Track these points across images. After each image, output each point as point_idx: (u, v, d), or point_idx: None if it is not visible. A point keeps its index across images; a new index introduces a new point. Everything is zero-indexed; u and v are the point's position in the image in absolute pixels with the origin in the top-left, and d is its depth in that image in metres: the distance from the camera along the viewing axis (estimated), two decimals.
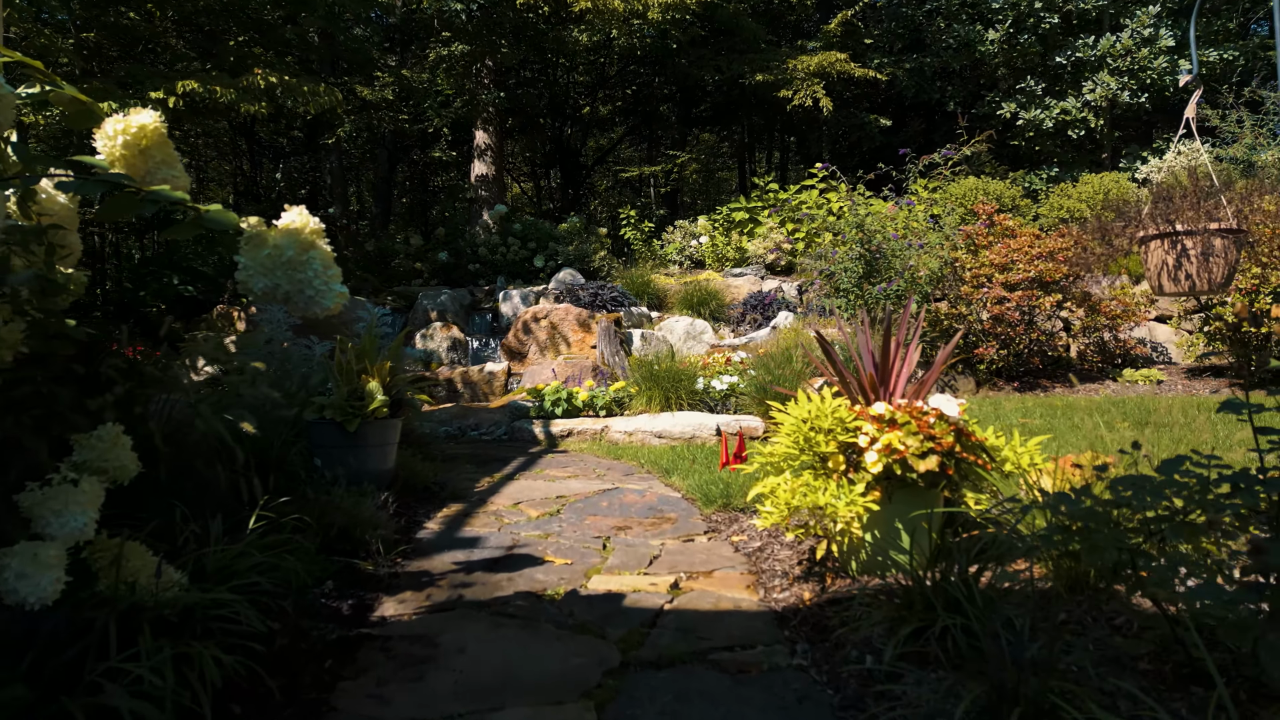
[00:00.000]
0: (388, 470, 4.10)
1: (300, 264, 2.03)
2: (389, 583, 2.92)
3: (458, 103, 14.03)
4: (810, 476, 2.74)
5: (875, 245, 8.51)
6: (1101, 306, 8.78)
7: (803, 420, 2.74)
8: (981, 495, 2.77)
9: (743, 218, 12.24)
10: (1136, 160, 14.77)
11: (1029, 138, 15.33)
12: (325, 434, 3.93)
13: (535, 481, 4.76)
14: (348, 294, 2.10)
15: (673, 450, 5.71)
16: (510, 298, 10.42)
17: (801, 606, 2.65)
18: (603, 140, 22.57)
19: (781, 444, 2.84)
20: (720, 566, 3.11)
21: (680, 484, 4.59)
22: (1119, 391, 8.39)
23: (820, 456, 2.75)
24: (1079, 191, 12.03)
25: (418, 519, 3.80)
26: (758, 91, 14.68)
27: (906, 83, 15.84)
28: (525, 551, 3.32)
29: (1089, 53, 14.76)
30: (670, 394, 6.72)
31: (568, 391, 6.98)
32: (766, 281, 10.89)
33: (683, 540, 3.52)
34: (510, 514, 3.96)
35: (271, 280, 2.01)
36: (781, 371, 6.47)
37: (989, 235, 9.02)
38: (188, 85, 8.13)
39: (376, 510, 3.37)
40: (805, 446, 2.75)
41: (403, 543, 3.39)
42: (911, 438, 2.60)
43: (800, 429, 2.74)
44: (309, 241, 2.05)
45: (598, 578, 2.99)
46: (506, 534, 3.59)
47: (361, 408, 3.90)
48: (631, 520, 3.84)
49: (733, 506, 4.01)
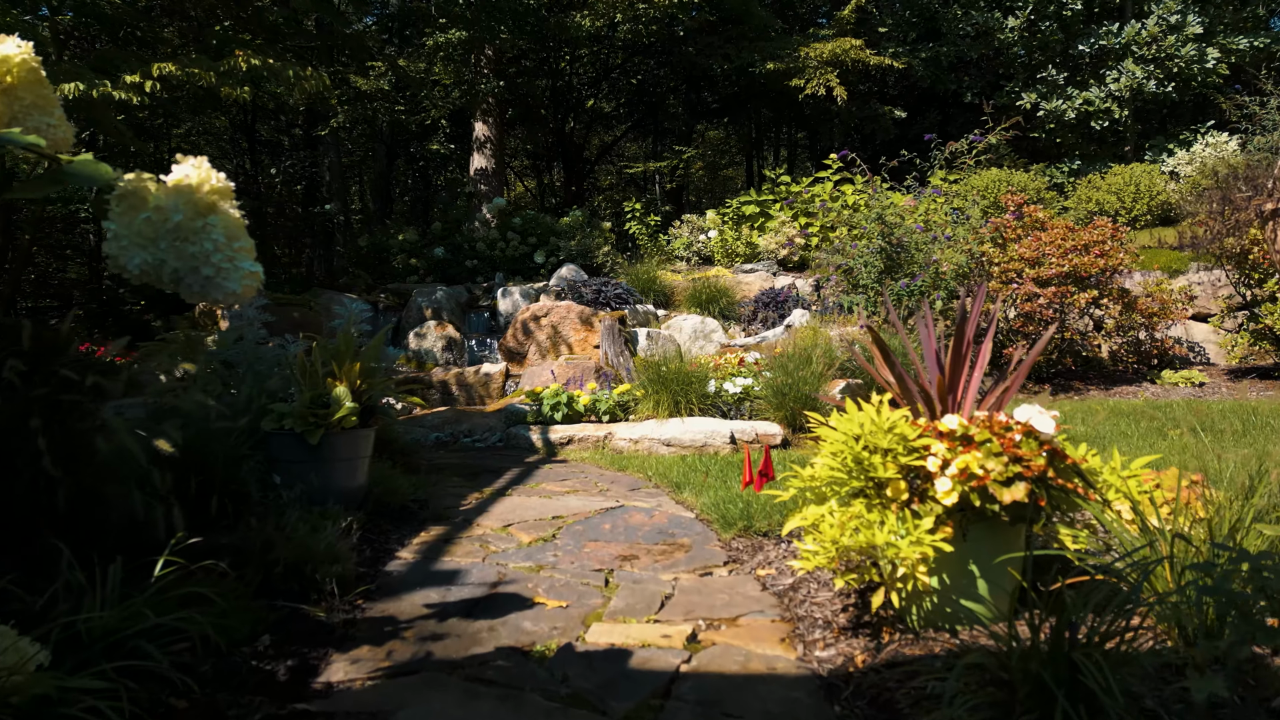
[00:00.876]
0: (357, 487, 3.57)
1: (194, 233, 1.50)
2: (343, 634, 2.39)
3: (456, 93, 13.51)
4: (862, 506, 2.20)
5: (896, 238, 7.98)
6: (1138, 304, 8.22)
7: (854, 437, 2.20)
8: (1078, 531, 2.23)
9: (753, 211, 11.69)
10: (1162, 153, 14.19)
11: (1049, 130, 14.76)
12: (285, 447, 3.41)
13: (529, 498, 4.23)
14: (261, 274, 1.57)
15: (683, 461, 5.17)
16: (509, 295, 9.89)
17: (853, 670, 2.11)
18: (606, 136, 22.04)
19: (824, 465, 2.30)
20: (746, 611, 2.57)
21: (693, 501, 4.06)
22: (1159, 395, 7.83)
23: (875, 483, 2.21)
24: (1108, 183, 11.46)
25: (389, 546, 3.26)
26: (768, 81, 14.11)
27: (922, 73, 15.26)
28: (512, 590, 2.78)
29: (1113, 40, 14.18)
30: (679, 398, 6.18)
31: (568, 395, 6.45)
32: (779, 278, 10.34)
33: (699, 574, 2.98)
34: (498, 539, 3.43)
35: (153, 254, 1.48)
36: (801, 373, 5.93)
37: (1018, 228, 8.47)
38: (164, 68, 7.60)
39: (337, 539, 2.84)
40: (856, 470, 2.22)
41: (367, 579, 2.86)
42: (993, 460, 2.06)
43: (849, 448, 2.20)
44: (208, 203, 1.52)
45: (598, 627, 2.45)
46: (492, 566, 3.05)
47: (326, 416, 3.37)
48: (638, 547, 3.31)
49: (755, 530, 3.47)
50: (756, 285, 10.12)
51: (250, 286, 1.55)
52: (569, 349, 8.55)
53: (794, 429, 5.90)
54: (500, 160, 14.23)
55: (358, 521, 3.27)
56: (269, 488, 3.31)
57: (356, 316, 4.78)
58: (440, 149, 16.32)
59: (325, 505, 3.29)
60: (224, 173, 1.56)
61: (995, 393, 2.30)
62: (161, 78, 7.55)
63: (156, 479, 2.24)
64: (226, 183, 1.57)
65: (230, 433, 3.24)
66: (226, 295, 1.53)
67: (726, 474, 4.61)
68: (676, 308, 10.06)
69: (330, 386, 3.47)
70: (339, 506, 3.34)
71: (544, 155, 20.72)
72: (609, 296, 9.38)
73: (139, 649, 1.75)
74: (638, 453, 5.70)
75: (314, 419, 3.35)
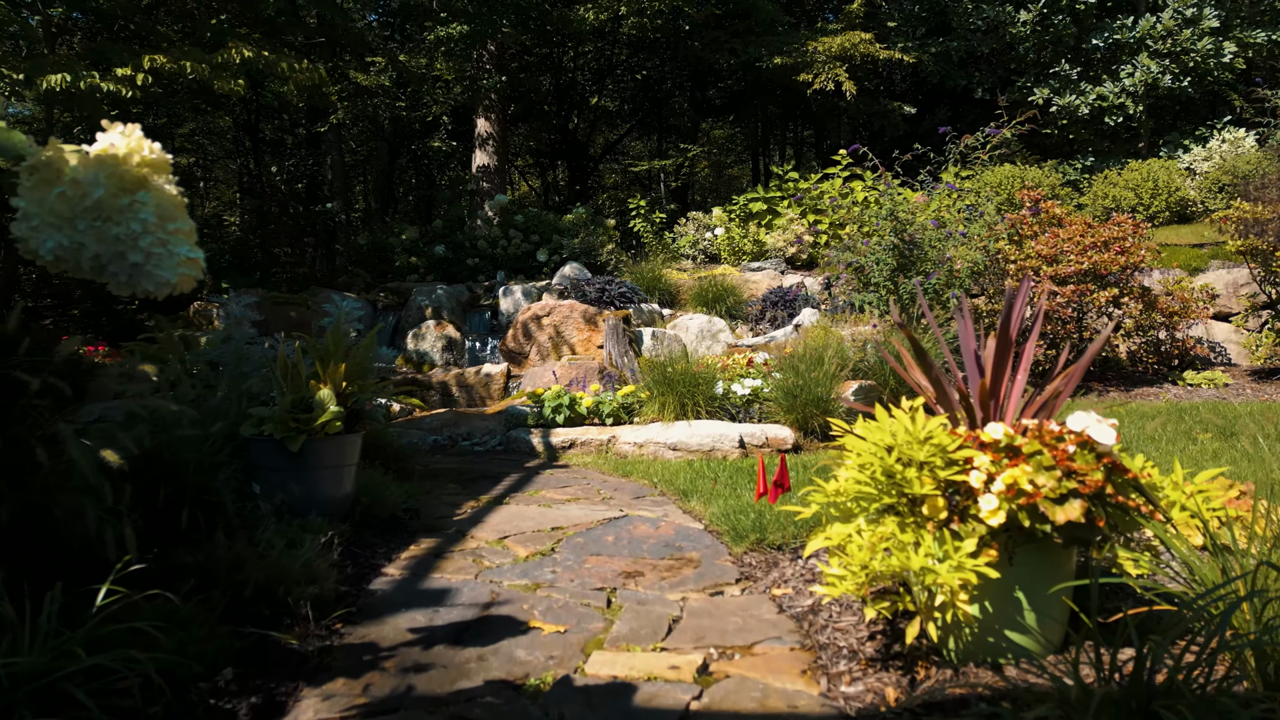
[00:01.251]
0: (343, 497, 3.34)
1: (118, 211, 1.27)
2: (317, 664, 2.16)
3: (457, 88, 13.28)
4: (894, 525, 1.96)
5: (909, 235, 7.72)
6: (1159, 303, 7.95)
7: (885, 448, 1.96)
8: (1138, 554, 1.98)
9: (760, 209, 11.44)
10: (1178, 149, 13.89)
11: (1062, 126, 14.47)
12: (265, 453, 3.18)
13: (528, 507, 3.99)
14: (202, 262, 1.35)
15: (690, 466, 4.93)
16: (511, 294, 9.66)
17: (885, 710, 1.87)
18: (610, 135, 21.80)
19: (850, 478, 2.06)
20: (763, 638, 2.33)
21: (701, 510, 3.82)
22: (1181, 396, 7.57)
23: (909, 499, 1.97)
24: (1125, 179, 11.18)
25: (375, 561, 3.03)
26: (775, 76, 13.86)
27: (932, 68, 14.98)
28: (506, 612, 2.55)
29: (1127, 35, 13.90)
30: (686, 400, 5.94)
31: (570, 397, 6.22)
32: (787, 276, 10.10)
33: (709, 593, 2.74)
34: (493, 553, 3.19)
35: (69, 236, 1.25)
36: (813, 375, 5.68)
37: (1035, 224, 8.21)
38: (156, 60, 7.40)
39: (316, 555, 2.61)
40: (887, 484, 1.98)
41: (348, 598, 2.63)
42: (1045, 474, 1.82)
43: (881, 460, 1.96)
44: (136, 177, 1.29)
45: (599, 656, 2.22)
46: (485, 584, 2.82)
47: (308, 421, 3.14)
48: (643, 563, 3.07)
49: (769, 543, 3.23)
50: (764, 284, 9.88)
51: (189, 276, 1.32)
52: (572, 349, 8.32)
53: (805, 432, 5.66)
54: (503, 157, 14.00)
55: (341, 535, 3.04)
56: (247, 498, 3.09)
57: (347, 315, 4.54)
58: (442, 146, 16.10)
59: (307, 517, 3.07)
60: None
61: (1042, 398, 2.06)
62: (153, 70, 7.34)
63: (106, 492, 2.01)
64: (162, 154, 1.34)
65: (205, 439, 3.02)
66: (159, 285, 1.30)
67: (736, 481, 4.37)
68: (682, 307, 9.83)
69: (314, 389, 3.25)
70: (322, 518, 3.11)
71: (548, 153, 20.48)
72: (613, 295, 9.15)
73: (70, 695, 1.52)
74: (642, 457, 5.47)
75: (295, 424, 3.12)
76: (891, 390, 6.68)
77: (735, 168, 24.98)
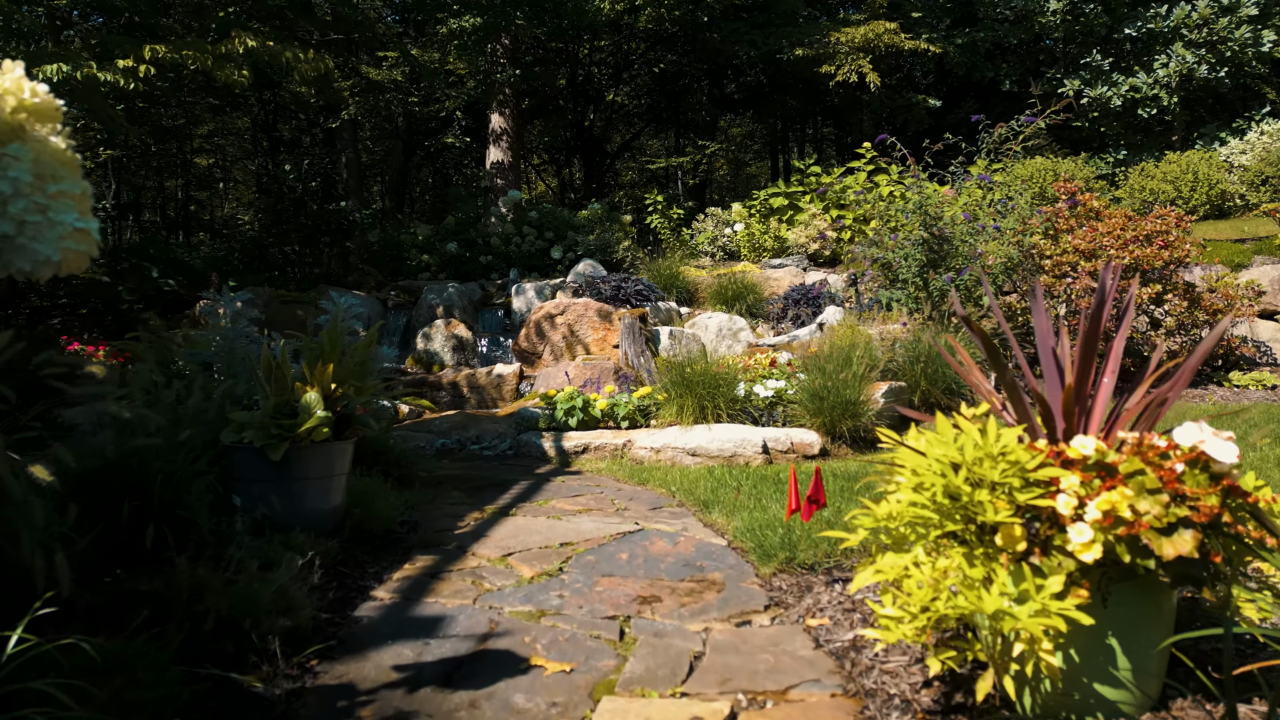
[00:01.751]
0: (331, 510, 3.05)
1: None
2: (283, 711, 1.87)
3: (471, 83, 13.02)
4: (960, 557, 1.64)
5: (938, 229, 7.36)
6: (1203, 300, 7.56)
7: (950, 464, 1.64)
8: (1256, 594, 1.66)
9: (781, 204, 11.10)
10: (1214, 141, 13.42)
11: (1093, 118, 14.03)
12: (245, 463, 2.90)
13: (536, 519, 3.69)
14: (94, 234, 1.05)
15: (710, 473, 4.61)
16: (524, 292, 9.38)
17: None
18: (626, 132, 21.50)
19: (905, 500, 1.75)
20: (799, 680, 2.02)
21: (724, 524, 3.51)
22: (1228, 398, 7.17)
23: (979, 527, 1.65)
24: (1163, 171, 10.75)
25: (363, 583, 2.74)
26: (796, 68, 13.49)
27: (958, 59, 14.57)
28: (505, 645, 2.25)
29: (1161, 24, 13.44)
30: (705, 402, 5.62)
31: (584, 399, 5.92)
32: (809, 273, 9.76)
33: (735, 623, 2.43)
34: (495, 574, 2.89)
35: None
36: (841, 376, 5.35)
37: (1071, 218, 7.83)
38: (157, 50, 7.17)
39: (293, 579, 2.33)
40: (951, 508, 1.66)
41: (329, 628, 2.34)
42: (1148, 499, 1.50)
43: (945, 478, 1.65)
44: (10, 126, 1.00)
45: (610, 703, 1.91)
46: (483, 610, 2.52)
47: (292, 427, 2.86)
48: (661, 585, 2.76)
49: (799, 563, 2.91)
50: (786, 281, 9.54)
51: (77, 253, 1.03)
52: (586, 349, 8.03)
53: (832, 437, 5.33)
54: (517, 154, 13.73)
55: (327, 553, 2.75)
56: (224, 512, 2.81)
57: (346, 312, 4.27)
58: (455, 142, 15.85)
59: (291, 533, 2.79)
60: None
61: (1137, 404, 1.73)
62: (154, 60, 7.11)
63: (36, 512, 1.72)
64: (49, 99, 1.05)
65: (179, 447, 2.74)
66: (38, 264, 1.01)
67: (760, 490, 4.05)
68: (701, 305, 9.51)
69: (300, 392, 2.96)
70: (308, 534, 2.83)
71: (563, 150, 20.21)
72: (629, 293, 8.85)
73: None
74: (660, 463, 5.16)
75: (278, 430, 2.84)
76: (923, 393, 6.33)
77: (753, 165, 24.61)
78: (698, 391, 5.66)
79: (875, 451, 5.27)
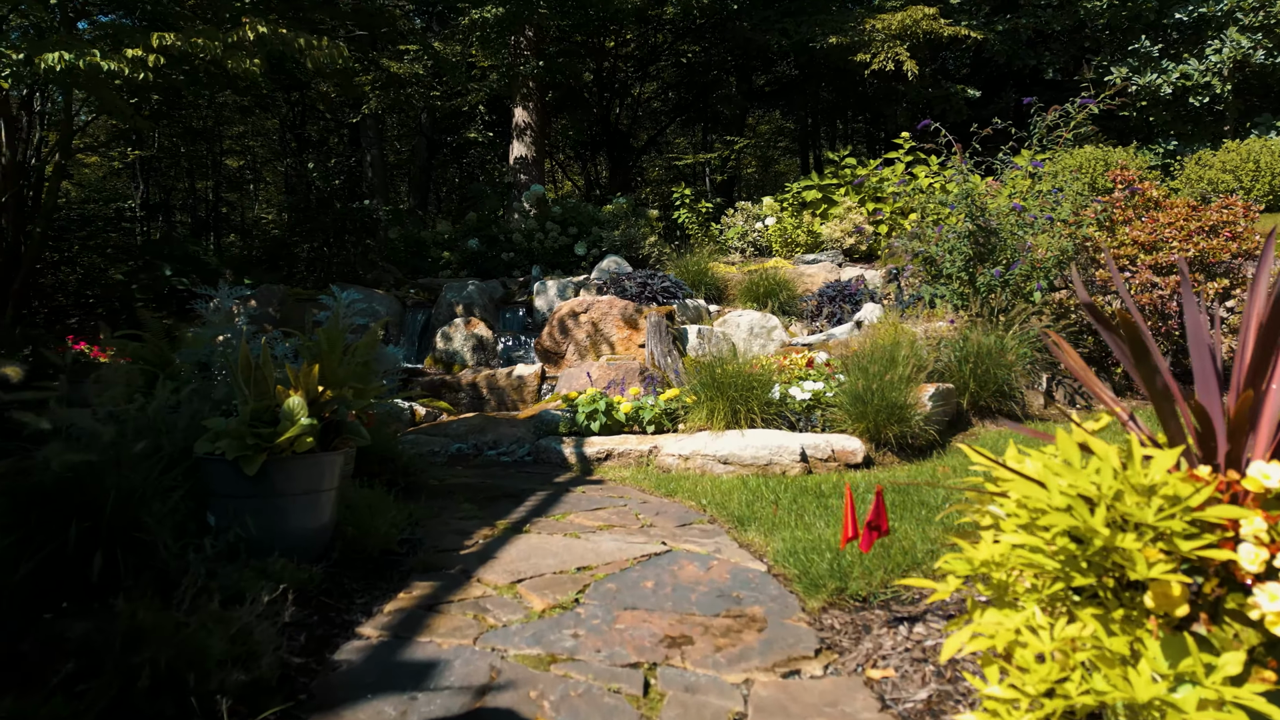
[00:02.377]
0: (318, 529, 2.70)
1: None
2: None
3: (494, 76, 12.70)
4: (1094, 622, 1.24)
5: (985, 221, 6.89)
6: None
7: (1081, 497, 1.24)
8: None
9: (815, 197, 10.65)
10: (1270, 130, 12.75)
11: (1141, 107, 13.40)
12: (219, 477, 2.56)
13: (552, 536, 3.32)
14: None
15: (744, 484, 4.22)
16: (546, 290, 9.03)
17: None
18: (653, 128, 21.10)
19: (1010, 541, 1.34)
20: None
21: (762, 545, 3.11)
22: None
23: (1119, 582, 1.24)
24: (1221, 160, 10.15)
25: (350, 617, 2.38)
26: (829, 57, 13.01)
27: (998, 47, 13.99)
28: (506, 703, 1.87)
29: (1214, 7, 12.78)
30: (738, 405, 5.22)
31: (607, 401, 5.55)
32: (845, 269, 9.31)
33: (781, 673, 2.04)
34: (501, 605, 2.52)
35: None
36: (887, 377, 4.92)
37: (1128, 208, 7.32)
38: (165, 39, 6.91)
39: (258, 619, 1.97)
40: (1082, 555, 1.25)
41: (301, 675, 1.98)
42: None
43: (1073, 513, 1.24)
44: None
45: None
46: (484, 654, 2.15)
47: (271, 436, 2.51)
48: (692, 621, 2.38)
49: (851, 593, 2.52)
50: (820, 277, 9.10)
51: None
52: (611, 348, 7.66)
53: (877, 444, 4.90)
54: (541, 148, 13.40)
55: (307, 583, 2.40)
56: (194, 534, 2.47)
57: (348, 308, 3.93)
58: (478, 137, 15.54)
59: (269, 557, 2.44)
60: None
61: None
62: (162, 49, 6.85)
63: None
64: None
65: (140, 460, 2.40)
66: None
67: (801, 504, 3.65)
68: (730, 302, 9.10)
69: (282, 396, 2.61)
70: (289, 558, 2.49)
71: (588, 146, 19.86)
72: (655, 290, 8.46)
73: None
74: (688, 471, 4.77)
75: (254, 440, 2.49)
76: (971, 395, 5.88)
77: (781, 163, 24.09)
78: (729, 394, 5.26)
79: (925, 460, 4.84)
